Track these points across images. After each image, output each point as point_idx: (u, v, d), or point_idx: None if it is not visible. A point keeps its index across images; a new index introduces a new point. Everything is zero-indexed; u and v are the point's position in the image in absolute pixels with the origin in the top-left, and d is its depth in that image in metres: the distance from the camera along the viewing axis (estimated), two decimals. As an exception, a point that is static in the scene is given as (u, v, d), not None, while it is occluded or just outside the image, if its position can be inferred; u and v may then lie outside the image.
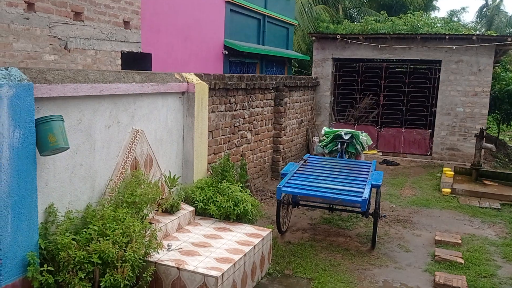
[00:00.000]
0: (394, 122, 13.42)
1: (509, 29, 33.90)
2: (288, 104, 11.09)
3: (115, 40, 7.43)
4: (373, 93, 13.62)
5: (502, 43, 11.55)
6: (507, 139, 18.04)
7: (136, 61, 8.75)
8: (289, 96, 11.17)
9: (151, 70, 9.54)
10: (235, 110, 8.37)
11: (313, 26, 22.85)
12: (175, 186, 5.65)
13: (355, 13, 28.45)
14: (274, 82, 10.17)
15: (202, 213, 5.73)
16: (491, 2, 34.94)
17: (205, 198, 5.73)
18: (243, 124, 8.80)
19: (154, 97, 5.53)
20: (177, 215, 5.29)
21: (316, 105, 13.33)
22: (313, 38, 13.45)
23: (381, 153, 12.81)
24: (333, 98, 13.56)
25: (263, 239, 5.16)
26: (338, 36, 12.90)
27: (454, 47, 11.71)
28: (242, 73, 15.47)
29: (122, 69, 7.66)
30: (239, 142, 8.59)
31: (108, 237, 3.94)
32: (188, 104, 6.22)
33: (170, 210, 5.31)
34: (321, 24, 22.44)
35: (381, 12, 22.41)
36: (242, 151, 8.75)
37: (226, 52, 14.17)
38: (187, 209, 5.54)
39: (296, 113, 11.93)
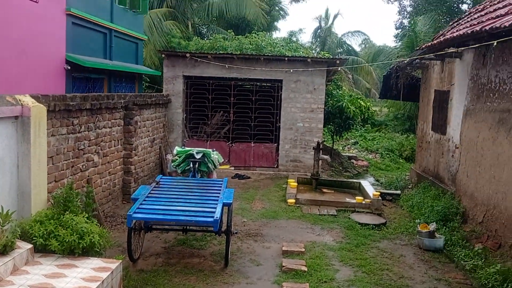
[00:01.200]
0: (244, 137, 14.05)
1: (339, 49, 38.27)
2: (138, 123, 10.83)
3: None
4: (224, 110, 14.09)
5: (331, 68, 12.98)
6: (341, 148, 20.30)
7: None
8: (139, 115, 10.92)
9: (-24, 88, 8.43)
10: (79, 132, 7.87)
11: (165, 41, 22.72)
12: (8, 222, 5.04)
13: (205, 30, 29.13)
14: (123, 101, 9.84)
15: (42, 249, 5.22)
16: (324, 25, 39.03)
17: (45, 233, 5.23)
18: (89, 146, 8.31)
19: (-22, 124, 4.89)
20: (12, 256, 4.74)
21: (168, 122, 13.26)
22: (163, 55, 13.39)
23: (233, 168, 13.29)
24: (185, 115, 13.66)
25: (112, 272, 4.91)
26: (188, 55, 13.07)
27: (291, 71, 12.73)
28: (88, 90, 14.62)
29: None
30: (84, 166, 8.08)
31: None
32: (23, 129, 5.65)
33: (3, 250, 4.73)
34: (172, 40, 22.43)
35: (229, 30, 23.33)
36: (88, 176, 8.24)
37: (69, 67, 13.22)
38: (24, 247, 4.99)
39: (148, 131, 11.70)
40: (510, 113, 7.71)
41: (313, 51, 31.14)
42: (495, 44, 6.17)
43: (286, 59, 13.05)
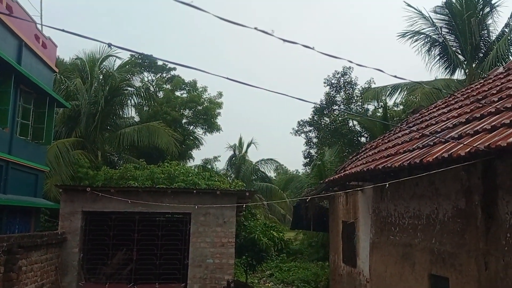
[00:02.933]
0: (148, 277, 12.78)
1: (254, 176, 39.16)
2: (23, 268, 9.52)
3: None
4: (127, 248, 12.94)
5: (241, 203, 12.78)
6: (256, 281, 19.39)
7: None
8: (25, 258, 9.67)
9: None
10: None
11: (72, 171, 21.69)
12: None
13: (116, 158, 28.57)
14: (5, 244, 8.70)
15: None
16: (238, 153, 40.27)
17: None
18: (-49, 304, 6.94)
19: None
20: None
21: (62, 264, 11.83)
22: (60, 190, 12.47)
23: (134, 315, 11.84)
24: (82, 254, 12.33)
25: None
26: (88, 189, 12.28)
27: (196, 207, 12.25)
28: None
29: None
30: None
31: None
32: None
33: None
34: (80, 170, 21.48)
35: (140, 160, 23.02)
36: None
37: (-51, 204, 11.77)
38: None
39: (36, 276, 10.30)
40: (412, 247, 7.78)
41: (228, 178, 31.38)
42: (387, 185, 6.37)
43: (194, 191, 12.72)
